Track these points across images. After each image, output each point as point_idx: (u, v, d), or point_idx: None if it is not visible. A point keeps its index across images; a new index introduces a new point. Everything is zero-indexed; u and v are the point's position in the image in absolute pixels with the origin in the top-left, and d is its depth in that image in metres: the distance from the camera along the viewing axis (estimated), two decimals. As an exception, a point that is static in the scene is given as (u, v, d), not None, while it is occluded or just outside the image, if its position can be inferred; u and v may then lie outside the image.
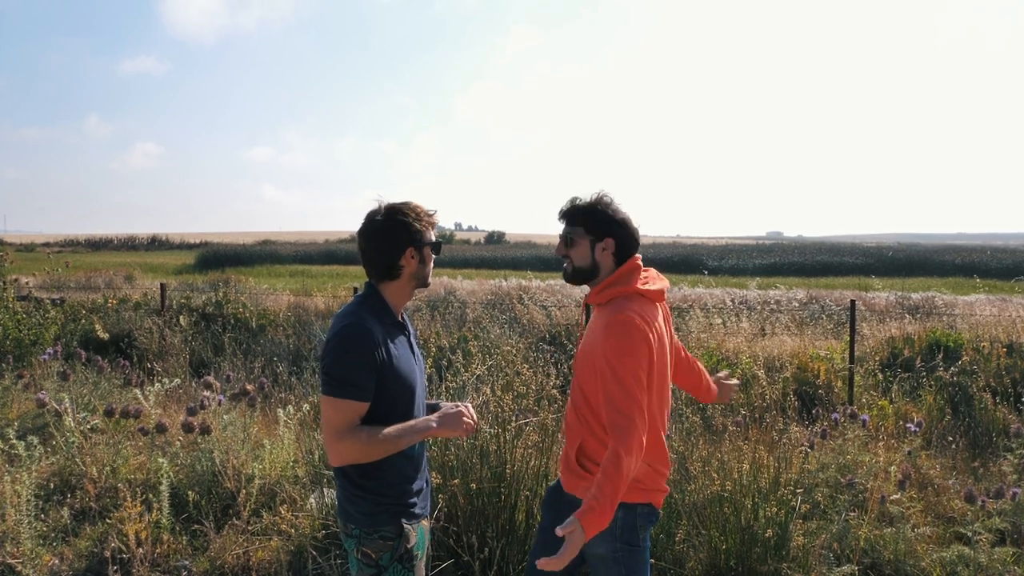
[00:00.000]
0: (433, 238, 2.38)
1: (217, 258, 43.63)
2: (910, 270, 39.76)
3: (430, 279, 2.42)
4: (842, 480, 4.52)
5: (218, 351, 9.57)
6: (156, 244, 71.22)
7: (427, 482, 2.44)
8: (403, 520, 2.26)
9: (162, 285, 10.91)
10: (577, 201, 2.51)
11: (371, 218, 2.32)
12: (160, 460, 4.39)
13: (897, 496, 4.35)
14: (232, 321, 10.81)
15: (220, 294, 12.03)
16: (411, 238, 2.29)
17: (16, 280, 9.59)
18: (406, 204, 2.34)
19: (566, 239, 2.50)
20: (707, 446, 4.36)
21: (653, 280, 2.50)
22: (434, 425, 2.29)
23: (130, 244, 70.29)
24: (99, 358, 7.00)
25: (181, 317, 10.53)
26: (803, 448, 4.62)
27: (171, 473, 4.59)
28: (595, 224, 2.46)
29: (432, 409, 2.44)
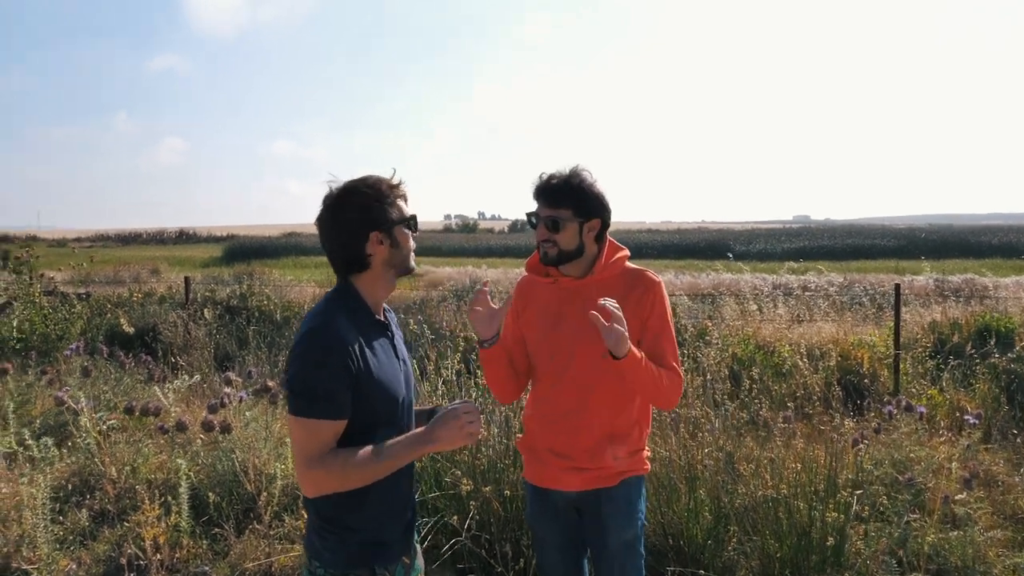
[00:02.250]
0: (406, 212, 2.00)
1: (243, 251, 43.92)
2: (944, 252, 38.85)
3: (412, 262, 2.04)
4: (900, 478, 4.22)
5: (243, 344, 9.43)
6: (184, 238, 71.93)
7: (413, 511, 2.11)
8: (376, 566, 1.92)
9: (186, 278, 10.81)
10: (554, 179, 2.29)
11: (324, 204, 1.96)
12: (179, 461, 4.20)
13: (963, 495, 4.04)
14: (256, 314, 10.68)
15: (244, 287, 11.90)
16: (373, 220, 1.93)
17: (42, 275, 9.56)
18: (363, 180, 1.97)
19: (551, 223, 2.28)
20: (756, 444, 4.08)
21: None
22: (429, 439, 1.91)
23: (159, 238, 71.11)
24: (122, 353, 6.87)
25: (206, 310, 10.41)
26: (862, 444, 4.30)
27: (191, 474, 4.42)
28: (584, 206, 2.28)
29: (428, 417, 2.12)
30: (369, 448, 1.86)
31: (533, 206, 2.36)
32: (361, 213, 1.93)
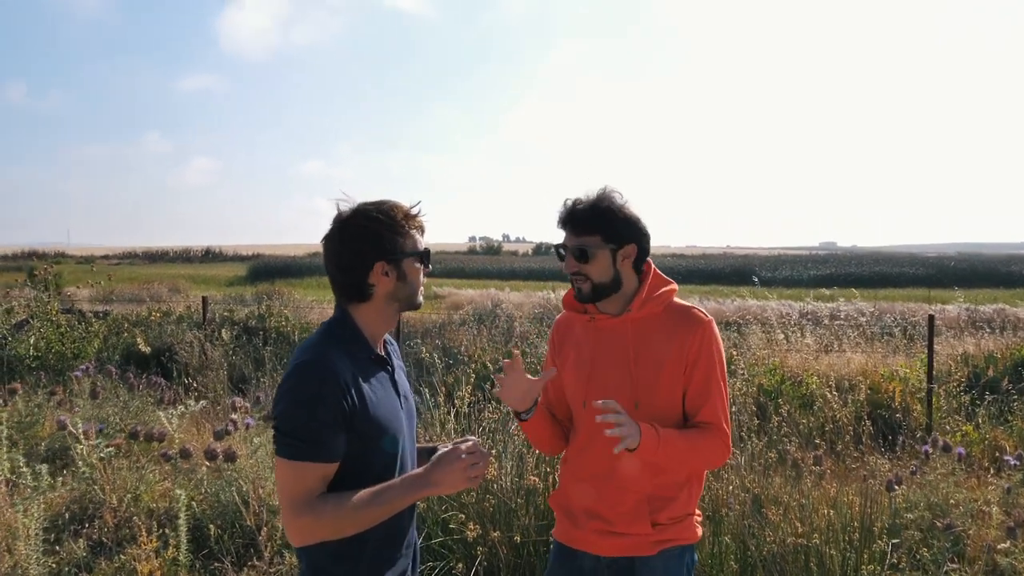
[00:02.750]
0: (420, 245, 1.85)
1: (268, 270, 44.10)
2: (974, 281, 38.09)
3: (420, 298, 1.89)
4: (938, 524, 3.95)
5: (259, 365, 9.33)
6: (210, 256, 72.57)
7: (415, 558, 1.93)
8: None
9: (204, 298, 10.76)
10: (579, 204, 2.06)
11: (332, 224, 1.82)
12: (178, 491, 4.05)
13: (1006, 545, 3.76)
14: (274, 334, 10.59)
15: (263, 307, 11.84)
16: (381, 249, 1.78)
17: (60, 292, 9.54)
18: (379, 204, 1.81)
19: (579, 253, 2.03)
20: (784, 482, 3.84)
21: None
22: (427, 483, 1.74)
23: (185, 256, 71.77)
24: (131, 375, 6.76)
25: (223, 331, 10.34)
26: (898, 488, 4.04)
27: (194, 503, 4.26)
28: (615, 231, 2.04)
29: (429, 456, 1.94)
30: (362, 492, 1.70)
31: (559, 234, 2.13)
32: (369, 240, 1.78)
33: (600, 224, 2.03)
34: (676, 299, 2.15)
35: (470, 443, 1.79)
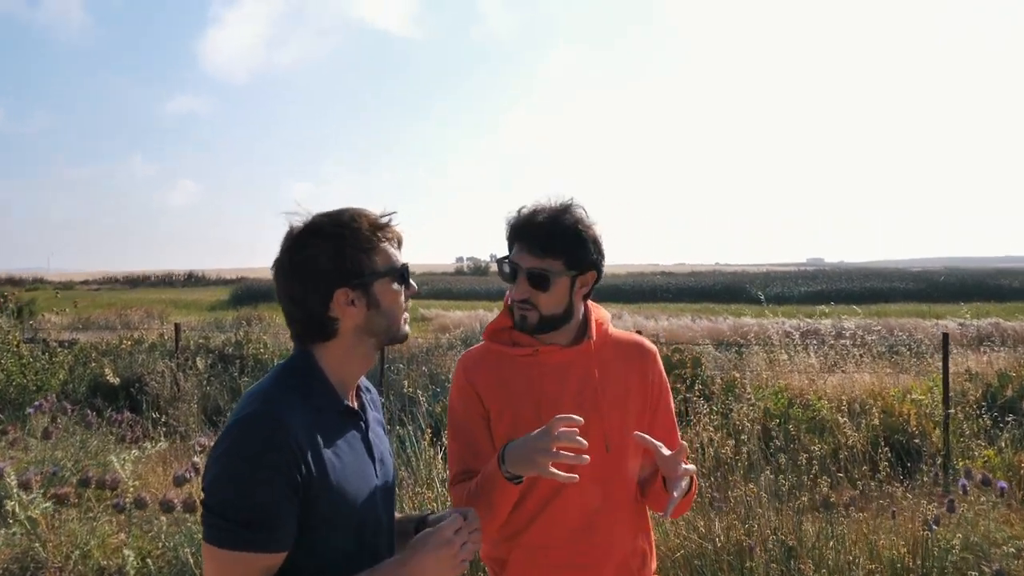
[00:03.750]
0: (395, 260, 1.43)
1: (251, 294, 43.39)
2: (963, 296, 38.06)
3: (404, 328, 1.46)
4: (985, 569, 3.51)
5: (235, 396, 8.84)
6: (192, 280, 71.68)
7: None
8: None
9: (176, 325, 10.25)
10: (541, 216, 1.65)
11: (282, 244, 1.41)
12: (127, 551, 3.55)
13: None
14: (252, 362, 10.09)
15: (241, 333, 11.35)
16: (342, 273, 1.37)
17: (25, 320, 9.04)
18: (338, 215, 1.39)
19: (536, 278, 1.63)
20: (815, 527, 3.39)
21: None
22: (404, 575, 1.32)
23: (167, 281, 70.88)
24: (90, 411, 6.24)
25: (198, 359, 9.83)
26: (936, 528, 3.60)
27: (149, 561, 3.77)
28: (579, 255, 1.66)
29: (416, 528, 1.52)
30: None
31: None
32: (324, 262, 1.35)
33: (565, 246, 1.65)
34: (611, 326, 1.86)
35: (455, 518, 1.35)
